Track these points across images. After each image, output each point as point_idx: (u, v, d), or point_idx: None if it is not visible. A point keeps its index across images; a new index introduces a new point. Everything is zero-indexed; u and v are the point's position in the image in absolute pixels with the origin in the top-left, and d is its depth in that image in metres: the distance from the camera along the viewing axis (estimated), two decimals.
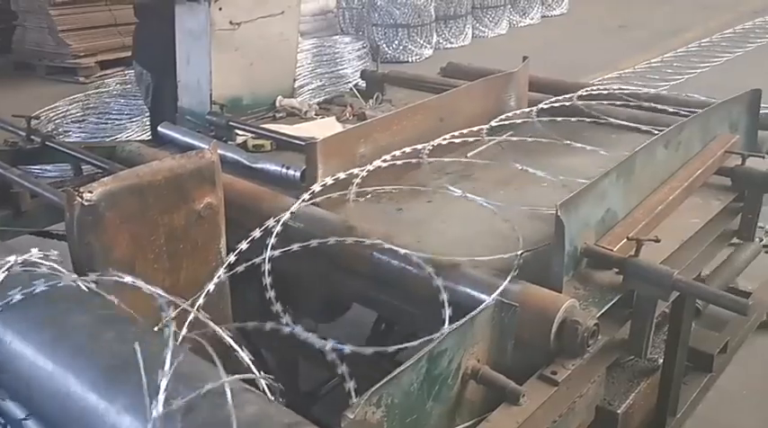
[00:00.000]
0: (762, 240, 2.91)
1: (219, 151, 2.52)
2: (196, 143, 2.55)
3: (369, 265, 1.77)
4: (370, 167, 2.02)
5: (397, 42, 9.08)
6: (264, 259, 1.55)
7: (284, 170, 2.32)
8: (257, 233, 1.70)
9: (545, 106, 2.61)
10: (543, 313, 1.57)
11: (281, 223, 1.69)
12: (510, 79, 2.82)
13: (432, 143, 2.27)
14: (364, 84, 3.46)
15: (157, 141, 2.82)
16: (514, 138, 2.41)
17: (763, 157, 2.26)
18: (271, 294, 1.48)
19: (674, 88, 7.28)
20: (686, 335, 2.19)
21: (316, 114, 3.07)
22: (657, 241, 1.76)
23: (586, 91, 2.80)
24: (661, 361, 2.28)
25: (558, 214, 1.62)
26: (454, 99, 2.60)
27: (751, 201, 2.23)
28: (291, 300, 2.50)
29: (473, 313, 1.49)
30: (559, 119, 2.55)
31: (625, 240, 1.77)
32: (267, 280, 1.51)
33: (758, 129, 2.47)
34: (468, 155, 2.47)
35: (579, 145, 2.30)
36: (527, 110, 2.64)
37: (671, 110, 2.57)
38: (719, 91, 2.56)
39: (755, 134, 2.47)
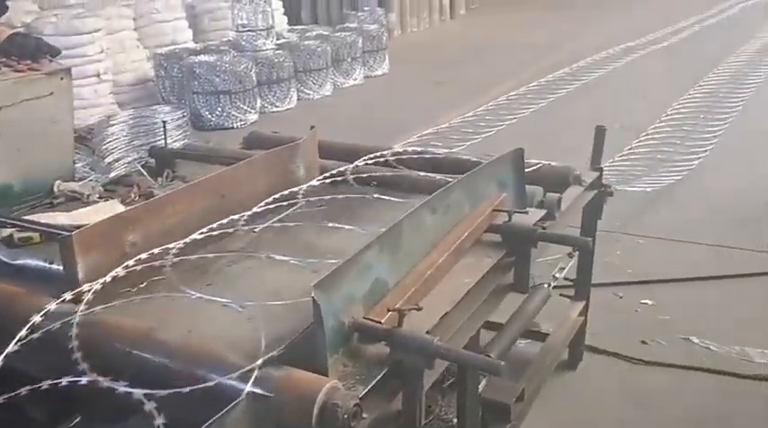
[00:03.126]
0: (550, 285, 3.07)
1: None
2: None
3: None
4: (108, 278, 1.92)
5: (219, 109, 8.96)
6: None
7: (48, 265, 2.15)
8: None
9: (315, 183, 2.63)
10: (303, 398, 1.52)
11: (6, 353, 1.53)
12: (296, 150, 2.82)
13: (182, 241, 2.17)
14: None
15: None
16: (277, 225, 2.39)
17: (527, 213, 2.39)
18: None
19: (486, 140, 7.75)
20: (474, 392, 2.24)
21: (99, 197, 2.89)
22: (419, 309, 1.79)
23: (368, 159, 2.87)
24: (456, 420, 2.32)
25: (313, 295, 1.60)
26: (236, 174, 2.56)
27: (521, 255, 2.35)
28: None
29: (223, 411, 1.43)
30: (327, 197, 2.57)
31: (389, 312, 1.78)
32: None
33: (525, 184, 2.62)
34: (255, 230, 2.43)
35: (338, 225, 2.34)
36: (288, 190, 2.62)
37: (440, 176, 2.68)
38: (533, 140, 2.72)
39: (524, 190, 2.61)
